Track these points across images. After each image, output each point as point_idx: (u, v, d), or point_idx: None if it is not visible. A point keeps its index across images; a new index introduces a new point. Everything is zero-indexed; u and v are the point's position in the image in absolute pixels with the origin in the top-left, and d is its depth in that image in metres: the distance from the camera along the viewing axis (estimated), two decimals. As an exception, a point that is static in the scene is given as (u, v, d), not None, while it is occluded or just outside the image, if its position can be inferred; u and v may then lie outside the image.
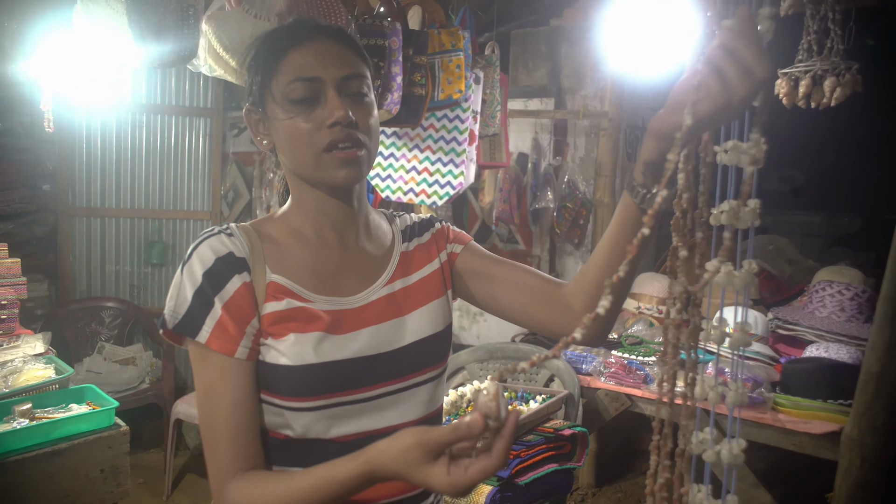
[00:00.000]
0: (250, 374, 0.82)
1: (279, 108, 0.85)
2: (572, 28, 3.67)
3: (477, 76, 2.42)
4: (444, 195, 2.31)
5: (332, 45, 0.86)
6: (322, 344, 0.83)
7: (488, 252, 1.03)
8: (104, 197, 3.82)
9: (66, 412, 1.81)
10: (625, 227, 0.80)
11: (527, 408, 2.00)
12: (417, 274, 0.96)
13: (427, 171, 2.35)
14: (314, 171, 0.85)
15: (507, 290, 0.96)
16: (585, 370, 2.32)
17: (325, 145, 0.83)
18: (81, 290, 3.79)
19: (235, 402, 0.80)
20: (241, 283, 0.82)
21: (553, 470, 1.84)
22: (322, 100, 0.84)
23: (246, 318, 0.81)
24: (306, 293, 0.86)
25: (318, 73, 0.83)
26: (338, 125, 0.82)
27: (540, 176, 3.47)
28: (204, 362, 0.81)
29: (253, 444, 0.81)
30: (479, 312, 3.88)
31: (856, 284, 2.32)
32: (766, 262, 3.20)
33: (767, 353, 2.25)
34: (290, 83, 0.83)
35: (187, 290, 0.80)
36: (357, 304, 0.88)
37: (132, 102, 3.80)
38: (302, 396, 0.82)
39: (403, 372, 0.89)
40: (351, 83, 0.85)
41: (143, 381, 3.35)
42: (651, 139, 0.71)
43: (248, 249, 0.85)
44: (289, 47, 0.85)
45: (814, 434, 1.84)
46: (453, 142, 2.32)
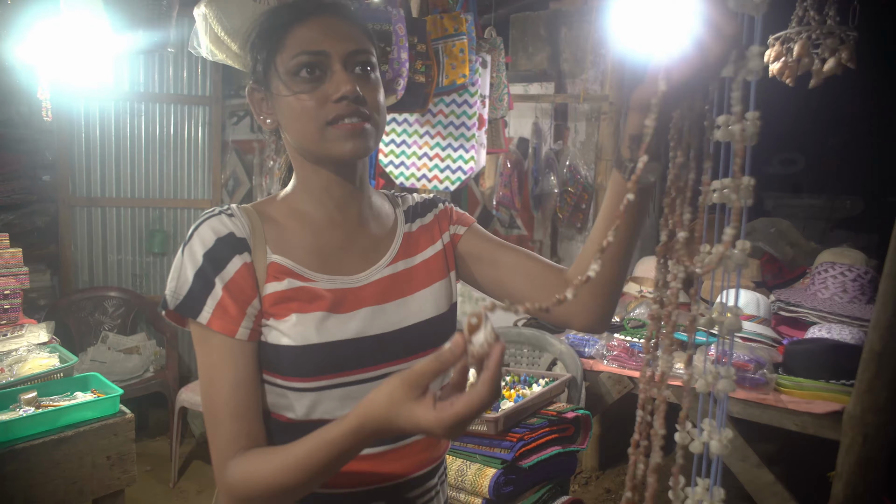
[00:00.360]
0: (252, 355, 0.82)
1: (284, 83, 0.84)
2: (572, 11, 3.64)
3: (484, 60, 2.41)
4: (455, 180, 2.32)
5: (338, 21, 0.85)
6: (324, 323, 0.83)
7: (491, 235, 1.02)
8: (104, 186, 3.82)
9: (71, 400, 1.82)
10: (616, 202, 0.79)
11: (529, 391, 2.01)
12: (421, 255, 0.96)
13: (438, 157, 2.35)
14: (319, 144, 0.84)
15: (509, 275, 0.96)
16: (588, 353, 2.33)
17: (331, 119, 0.82)
18: (84, 280, 3.80)
19: (237, 383, 0.80)
20: (241, 264, 0.82)
21: (556, 452, 1.85)
22: (328, 74, 0.83)
23: (247, 299, 0.81)
24: (308, 272, 0.85)
25: (324, 46, 0.82)
26: (344, 100, 0.81)
27: (541, 161, 3.46)
28: (205, 343, 0.81)
29: (255, 423, 0.81)
30: (482, 297, 3.88)
31: (858, 266, 2.31)
32: (769, 245, 3.19)
33: (770, 335, 2.25)
34: (295, 57, 0.82)
35: (188, 270, 0.80)
36: (360, 284, 0.88)
37: (130, 91, 3.78)
38: (304, 377, 0.82)
39: (407, 353, 0.89)
40: (357, 58, 0.84)
41: (147, 370, 3.37)
42: (634, 112, 0.70)
43: (249, 230, 0.85)
44: (294, 22, 0.84)
45: (816, 414, 1.85)
46: (462, 127, 2.31)
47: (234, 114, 4.17)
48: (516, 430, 1.80)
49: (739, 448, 1.97)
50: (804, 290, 2.47)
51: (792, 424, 1.90)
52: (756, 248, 3.23)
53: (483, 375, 0.65)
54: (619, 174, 0.77)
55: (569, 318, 0.92)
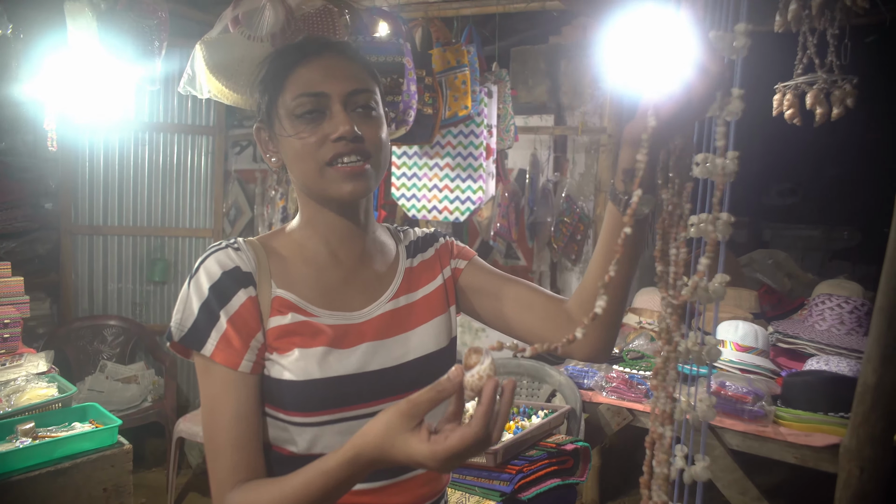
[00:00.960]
0: (254, 388, 0.83)
1: (286, 123, 0.86)
2: (571, 45, 3.72)
3: (490, 90, 2.46)
4: (465, 210, 2.35)
5: (338, 61, 0.87)
6: (326, 359, 0.84)
7: (492, 267, 1.04)
8: (106, 215, 3.84)
9: (68, 431, 1.81)
10: (613, 235, 0.82)
11: (529, 423, 2.00)
12: (422, 290, 0.97)
13: (448, 188, 2.38)
14: (319, 184, 0.86)
15: (511, 307, 0.97)
16: (587, 385, 2.32)
17: (329, 159, 0.84)
18: (83, 309, 3.80)
19: (238, 415, 0.81)
20: (246, 298, 0.83)
21: (556, 485, 1.83)
22: (327, 114, 0.85)
23: (251, 332, 0.82)
24: (311, 307, 0.87)
25: (324, 88, 0.84)
26: (342, 140, 0.83)
27: (538, 191, 3.50)
28: (209, 375, 0.82)
29: (255, 456, 0.82)
30: (482, 328, 3.88)
31: (855, 297, 2.32)
32: (767, 277, 3.21)
33: (768, 367, 2.25)
34: (295, 98, 0.85)
35: (194, 303, 0.82)
36: (362, 319, 0.89)
37: (135, 121, 3.84)
38: (306, 412, 0.83)
39: (407, 388, 0.89)
40: (358, 98, 0.86)
41: (145, 400, 3.34)
42: (626, 147, 0.73)
43: (255, 264, 0.86)
44: (295, 63, 0.87)
45: (815, 447, 1.84)
46: (469, 157, 2.35)
47: (237, 143, 4.23)
48: (515, 462, 1.79)
49: (739, 481, 1.95)
50: (802, 322, 2.47)
51: (791, 457, 1.89)
52: (754, 279, 3.24)
53: (477, 410, 0.66)
54: (615, 207, 0.79)
55: (571, 350, 0.93)
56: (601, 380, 2.29)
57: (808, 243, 5.49)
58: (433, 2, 3.17)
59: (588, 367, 2.37)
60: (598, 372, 2.33)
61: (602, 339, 0.91)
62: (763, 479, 2.10)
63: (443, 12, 3.27)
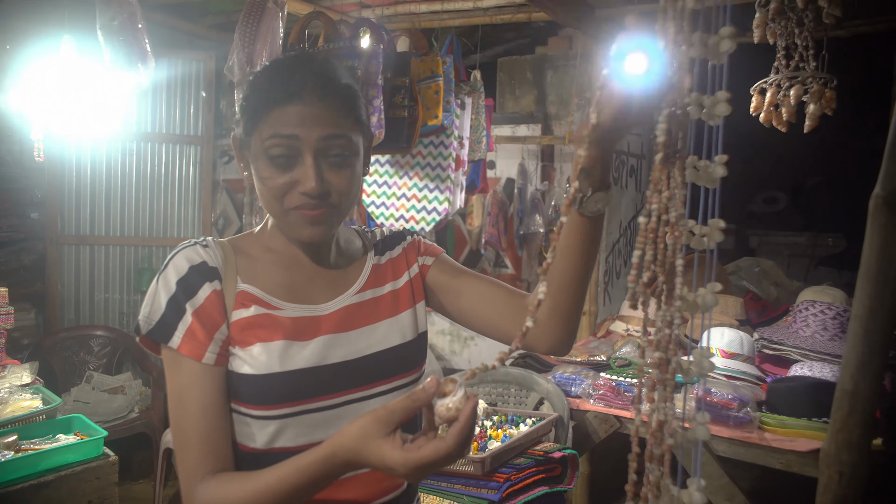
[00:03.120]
0: (219, 379, 0.84)
1: (258, 158, 0.87)
2: (558, 56, 3.76)
3: (463, 102, 2.47)
4: (430, 221, 2.35)
5: (316, 103, 0.84)
6: (287, 352, 0.85)
7: (458, 265, 1.05)
8: (94, 225, 3.82)
9: (53, 443, 1.80)
10: (568, 232, 0.83)
11: (517, 431, 2.01)
12: (388, 286, 0.99)
13: (415, 198, 2.38)
14: (281, 223, 0.89)
15: (474, 303, 0.99)
16: (575, 393, 2.33)
17: (293, 206, 0.86)
18: (70, 319, 3.77)
19: (205, 406, 0.82)
20: (211, 291, 0.85)
21: (543, 493, 1.84)
22: (298, 161, 0.84)
23: (215, 325, 0.84)
24: (275, 301, 0.88)
25: (297, 131, 0.84)
26: (307, 195, 0.84)
27: (527, 201, 3.52)
28: (175, 367, 0.84)
29: (223, 447, 0.83)
30: (470, 336, 3.89)
31: (837, 304, 2.35)
32: (753, 284, 3.24)
33: (754, 373, 2.27)
34: (269, 138, 0.84)
35: (161, 297, 0.83)
36: (326, 311, 0.91)
37: (123, 131, 3.82)
38: (266, 405, 0.84)
39: (369, 380, 0.91)
40: (331, 143, 0.85)
41: (132, 411, 3.32)
42: (579, 149, 0.75)
43: (222, 260, 0.88)
44: (274, 103, 0.84)
45: (799, 452, 1.85)
46: (438, 168, 2.35)
47: (226, 153, 4.22)
48: (503, 471, 1.80)
49: (725, 487, 1.97)
50: (787, 328, 2.50)
51: (776, 462, 1.91)
52: (740, 286, 3.27)
53: (453, 427, 0.68)
54: None
55: (531, 343, 0.95)
56: (588, 387, 2.29)
57: (794, 250, 5.55)
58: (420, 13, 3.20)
59: (575, 374, 2.38)
60: (585, 380, 2.34)
61: (560, 332, 0.92)
62: (749, 485, 2.11)
63: (429, 23, 3.30)
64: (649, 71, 0.64)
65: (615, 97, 0.65)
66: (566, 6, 2.84)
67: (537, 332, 0.92)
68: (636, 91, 0.65)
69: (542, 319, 0.91)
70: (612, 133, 0.70)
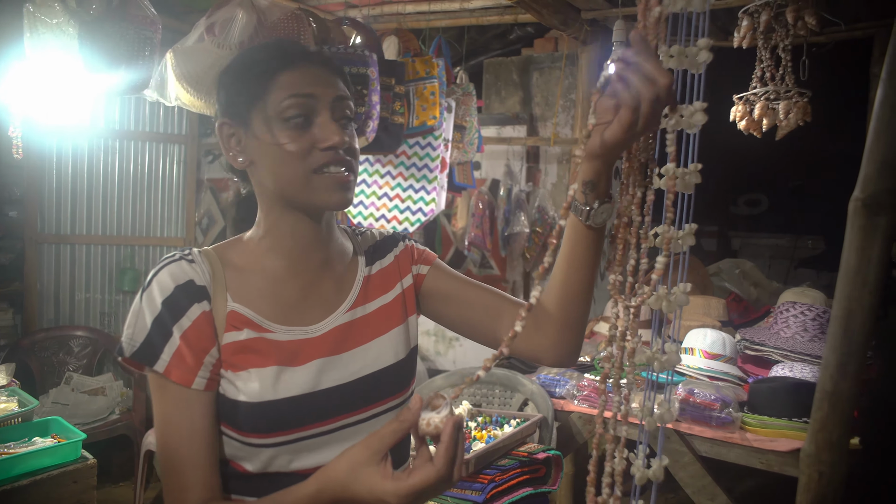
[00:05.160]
0: (209, 405, 0.81)
1: (269, 125, 0.83)
2: (543, 57, 3.77)
3: (449, 105, 2.47)
4: (415, 221, 2.34)
5: (321, 68, 0.86)
6: (280, 378, 0.82)
7: (454, 272, 1.03)
8: (74, 223, 3.77)
9: (29, 446, 1.76)
10: (575, 244, 0.83)
11: (501, 432, 2.01)
12: (379, 301, 0.95)
13: (399, 198, 2.37)
14: (303, 192, 0.83)
15: (474, 313, 0.96)
16: (559, 394, 2.34)
17: (317, 167, 0.82)
18: (49, 319, 3.71)
19: (193, 432, 0.79)
20: (200, 312, 0.81)
21: (528, 494, 1.84)
22: (315, 120, 0.83)
23: (205, 348, 0.81)
24: (266, 323, 0.85)
25: (314, 90, 0.83)
26: (332, 149, 0.82)
27: (512, 201, 3.53)
28: (162, 391, 0.80)
29: (210, 474, 0.80)
30: (455, 338, 3.89)
31: (817, 305, 2.38)
32: (734, 286, 3.27)
33: (736, 374, 2.29)
34: (284, 100, 0.82)
35: (146, 317, 0.79)
36: (317, 333, 0.87)
37: (105, 128, 3.78)
38: (261, 433, 0.81)
39: (363, 403, 0.88)
40: (342, 105, 0.86)
41: (112, 412, 3.27)
42: (585, 161, 0.75)
43: (210, 276, 0.84)
44: (281, 67, 0.84)
45: (780, 452, 1.87)
46: (425, 169, 2.35)
47: (210, 152, 4.19)
48: (487, 472, 1.80)
49: (707, 487, 1.98)
50: (768, 329, 2.53)
51: (758, 462, 1.93)
52: (722, 288, 3.31)
53: (438, 450, 0.67)
54: (575, 218, 0.81)
55: (539, 354, 0.93)
56: (573, 388, 2.30)
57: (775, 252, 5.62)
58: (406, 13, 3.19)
59: (560, 375, 2.39)
60: (569, 381, 2.34)
61: (567, 343, 0.90)
62: (731, 485, 2.13)
63: (416, 24, 3.29)
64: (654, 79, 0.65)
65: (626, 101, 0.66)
66: (552, 8, 2.85)
67: (545, 344, 0.91)
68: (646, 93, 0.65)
69: (549, 331, 0.90)
70: (618, 144, 0.70)
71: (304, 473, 0.83)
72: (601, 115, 0.70)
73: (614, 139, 0.69)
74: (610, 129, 0.69)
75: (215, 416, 0.82)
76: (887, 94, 0.98)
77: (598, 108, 0.70)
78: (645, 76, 0.65)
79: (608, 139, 0.69)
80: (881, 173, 0.97)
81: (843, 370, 0.99)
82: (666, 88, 0.65)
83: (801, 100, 2.09)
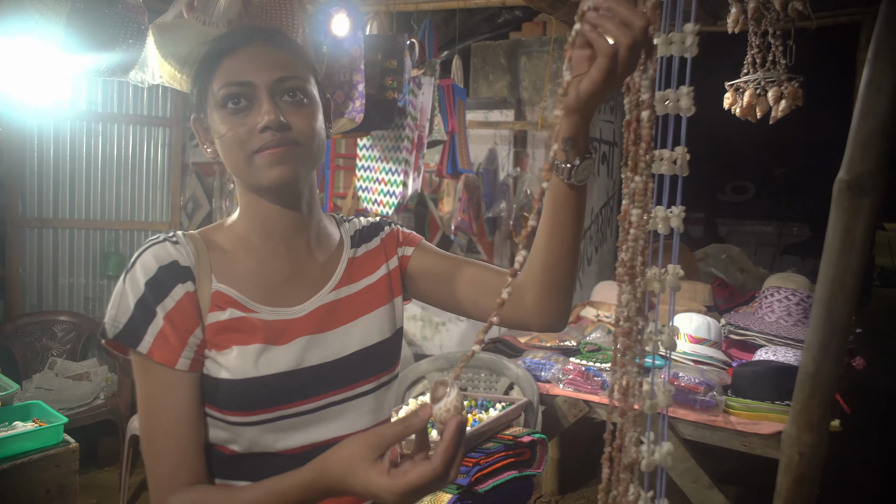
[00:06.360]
0: (193, 386, 0.80)
1: (214, 115, 0.84)
2: (531, 41, 3.74)
3: (420, 81, 2.42)
4: (391, 205, 2.33)
5: (267, 49, 0.85)
6: (263, 356, 0.82)
7: (440, 250, 1.02)
8: (57, 207, 3.71)
9: (9, 430, 1.75)
10: (557, 205, 0.81)
11: (486, 415, 2.01)
12: (364, 280, 0.95)
13: (383, 181, 2.36)
14: (247, 173, 0.84)
15: (461, 287, 0.96)
16: (544, 377, 2.35)
17: (256, 149, 0.82)
18: (32, 304, 3.67)
19: (178, 414, 0.78)
20: (184, 293, 0.80)
21: (513, 477, 1.85)
22: (255, 104, 0.83)
23: (189, 329, 0.80)
24: (251, 303, 0.84)
25: (250, 77, 0.82)
26: (268, 129, 0.81)
27: (497, 186, 3.52)
28: (145, 373, 0.79)
29: (195, 457, 0.79)
30: (442, 322, 3.89)
31: (802, 290, 2.40)
32: (720, 271, 3.30)
33: (720, 358, 2.31)
34: (221, 88, 0.83)
35: (129, 298, 0.79)
36: (301, 314, 0.87)
37: (87, 111, 3.71)
38: (244, 411, 0.81)
39: (348, 381, 0.88)
40: (285, 85, 0.83)
41: (97, 397, 3.25)
42: (564, 118, 0.73)
43: (195, 257, 0.83)
44: (223, 54, 0.85)
45: (763, 434, 1.90)
46: (395, 150, 2.33)
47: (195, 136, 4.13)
48: (472, 455, 1.80)
49: (691, 470, 2.00)
50: (753, 314, 2.55)
51: (740, 445, 1.95)
52: (708, 273, 3.33)
53: (438, 448, 0.65)
54: (557, 178, 0.79)
55: (527, 321, 0.92)
56: (558, 372, 2.31)
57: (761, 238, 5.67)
58: (394, -6, 3.15)
59: (545, 359, 2.40)
60: (555, 365, 2.35)
61: (554, 308, 0.89)
62: (715, 467, 2.15)
63: (404, 7, 3.25)
64: (629, 23, 0.63)
65: (602, 49, 0.64)
66: (540, -9, 2.83)
67: (532, 309, 0.89)
68: (622, 39, 0.63)
69: (536, 296, 0.88)
70: (595, 95, 0.68)
71: (290, 453, 0.83)
72: (577, 68, 0.68)
73: (592, 89, 0.67)
74: (586, 78, 0.67)
75: (200, 398, 0.81)
76: (873, 76, 0.98)
77: (573, 61, 0.68)
78: (620, 20, 0.63)
79: (585, 90, 0.67)
80: (866, 155, 0.97)
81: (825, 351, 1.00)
82: (642, 31, 0.63)
83: (790, 85, 2.08)
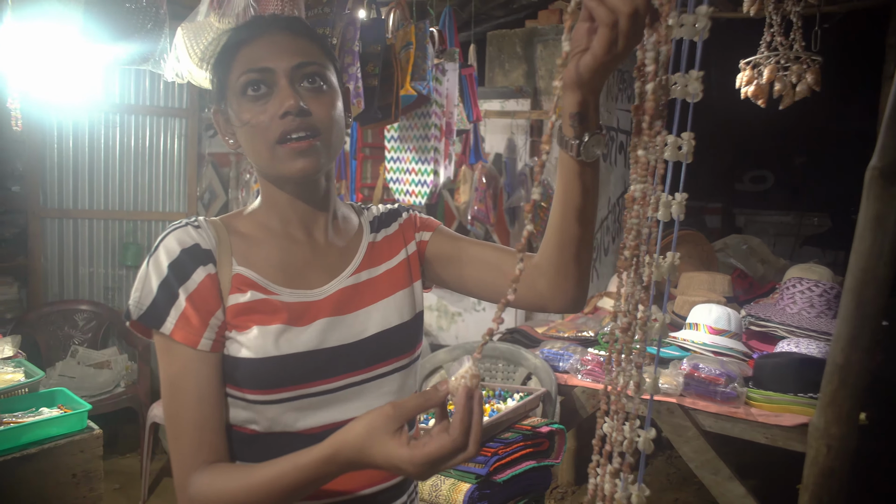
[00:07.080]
0: (215, 366, 0.81)
1: (234, 104, 0.85)
2: (547, 29, 3.70)
3: (444, 68, 2.40)
4: (423, 194, 2.32)
5: (284, 36, 0.85)
6: (283, 336, 0.83)
7: (457, 234, 1.03)
8: (77, 198, 3.76)
9: (36, 416, 1.78)
10: (568, 183, 0.80)
11: (504, 405, 2.01)
12: (385, 265, 0.96)
13: (413, 171, 2.35)
14: (270, 164, 0.84)
15: (478, 270, 0.96)
16: (562, 368, 2.34)
17: (278, 136, 0.82)
18: (53, 293, 3.72)
19: (200, 394, 0.80)
20: (205, 275, 0.82)
21: (531, 467, 1.85)
22: (274, 91, 0.83)
23: (210, 310, 0.81)
24: (272, 286, 0.85)
25: (269, 63, 0.83)
26: (288, 115, 0.81)
27: (515, 175, 3.50)
28: (168, 354, 0.81)
29: (217, 436, 0.81)
30: (458, 312, 3.89)
31: (824, 281, 2.37)
32: (740, 262, 3.26)
33: (741, 350, 2.29)
34: (241, 76, 0.83)
35: (153, 281, 0.80)
36: (322, 296, 0.88)
37: (105, 102, 3.74)
38: (265, 389, 0.82)
39: (368, 362, 0.89)
40: (305, 71, 0.84)
41: (118, 385, 3.30)
42: (568, 93, 0.72)
43: (216, 242, 0.85)
44: (241, 43, 0.85)
45: (785, 427, 1.87)
46: (423, 139, 2.32)
47: (211, 126, 4.15)
48: (490, 445, 1.80)
49: (711, 461, 1.99)
50: (773, 305, 2.52)
51: (762, 437, 1.93)
52: (728, 264, 3.29)
53: (453, 419, 0.66)
54: (566, 154, 0.78)
55: (544, 302, 0.91)
56: (576, 363, 2.30)
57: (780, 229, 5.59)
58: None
59: (563, 350, 2.39)
60: (573, 355, 2.34)
61: (571, 287, 0.88)
62: (735, 459, 2.14)
63: (421, -7, 3.23)
64: None
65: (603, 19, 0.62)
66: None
67: (549, 290, 0.89)
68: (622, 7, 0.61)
69: (552, 276, 0.87)
70: (599, 68, 0.66)
71: (310, 433, 0.84)
72: (576, 41, 0.66)
73: (595, 63, 0.65)
74: (588, 53, 0.65)
75: (221, 379, 0.82)
76: (907, 61, 0.95)
77: (573, 34, 0.66)
78: None
79: (587, 64, 0.66)
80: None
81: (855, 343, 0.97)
82: (644, 1, 0.61)
83: (813, 65, 2.03)
